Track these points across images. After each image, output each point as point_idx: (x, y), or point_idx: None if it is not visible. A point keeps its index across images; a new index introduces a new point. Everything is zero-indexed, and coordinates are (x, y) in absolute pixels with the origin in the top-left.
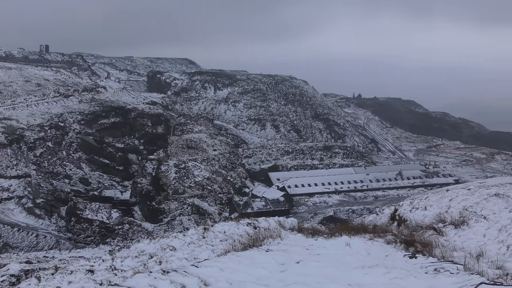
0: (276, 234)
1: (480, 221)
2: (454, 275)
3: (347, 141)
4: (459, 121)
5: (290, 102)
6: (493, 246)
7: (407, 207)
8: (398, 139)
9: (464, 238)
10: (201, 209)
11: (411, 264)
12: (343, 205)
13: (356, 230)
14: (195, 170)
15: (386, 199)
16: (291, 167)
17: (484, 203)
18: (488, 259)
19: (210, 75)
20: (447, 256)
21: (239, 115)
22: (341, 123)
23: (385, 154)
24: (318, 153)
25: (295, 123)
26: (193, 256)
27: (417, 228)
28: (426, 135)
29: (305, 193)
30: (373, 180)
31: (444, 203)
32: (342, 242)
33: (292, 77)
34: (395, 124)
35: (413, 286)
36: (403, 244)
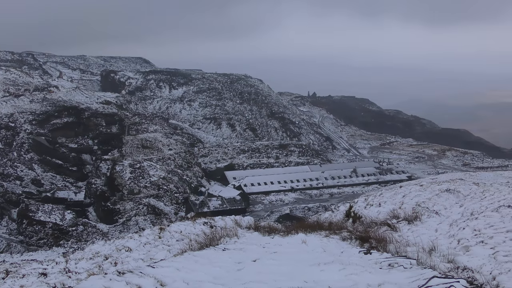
0: (233, 233)
1: (432, 216)
2: (408, 270)
3: (303, 139)
4: (412, 119)
5: (246, 100)
6: (444, 240)
7: (362, 204)
8: (353, 136)
9: (417, 233)
10: (157, 209)
11: (366, 260)
12: (299, 203)
13: (312, 228)
14: (151, 170)
15: (342, 196)
16: (247, 166)
17: (436, 199)
18: (440, 253)
19: (165, 74)
20: (401, 251)
21: (195, 114)
22: (296, 121)
23: (340, 152)
24: (274, 151)
25: (250, 121)
26: (149, 257)
27: (371, 225)
28: (380, 132)
29: (262, 191)
30: (329, 178)
31: (398, 199)
32: (298, 239)
33: (247, 76)
34: (350, 122)
35: (368, 281)
36: (358, 241)
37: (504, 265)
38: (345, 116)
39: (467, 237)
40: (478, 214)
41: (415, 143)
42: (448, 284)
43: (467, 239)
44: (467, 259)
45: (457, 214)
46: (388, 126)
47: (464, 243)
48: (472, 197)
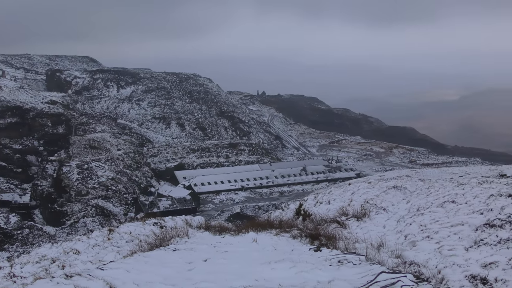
0: (183, 233)
1: (380, 213)
2: (357, 266)
3: (252, 138)
4: (359, 117)
5: (195, 100)
6: (392, 236)
7: (311, 201)
8: (302, 135)
9: (366, 229)
10: (106, 210)
11: (316, 257)
12: (250, 202)
13: (263, 226)
14: (99, 170)
15: (291, 195)
16: (197, 165)
17: (383, 196)
18: (388, 249)
19: (112, 73)
20: (350, 248)
21: (144, 114)
22: (246, 120)
23: (290, 150)
24: (224, 150)
25: (200, 121)
26: (98, 259)
27: (321, 222)
28: (329, 130)
29: (212, 191)
30: (279, 176)
31: (347, 197)
32: (249, 238)
33: (196, 75)
34: (299, 120)
35: (318, 278)
36: (308, 238)
37: (448, 258)
38: (294, 114)
39: (414, 233)
40: (424, 209)
41: (363, 141)
42: (395, 279)
43: (413, 235)
44: (414, 254)
45: (404, 210)
46: (337, 125)
47: (411, 239)
48: (418, 193)
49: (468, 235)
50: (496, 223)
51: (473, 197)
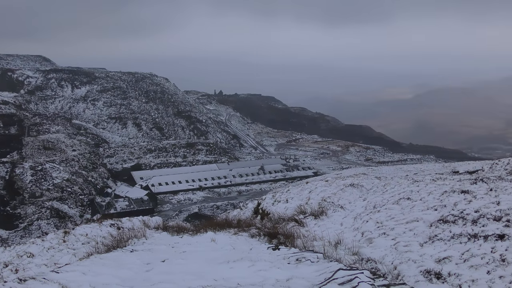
0: (141, 233)
1: (337, 210)
2: (315, 264)
3: (210, 137)
4: (316, 116)
5: (152, 99)
6: (349, 233)
7: (269, 200)
8: (260, 134)
9: (324, 227)
10: (61, 212)
11: (274, 255)
12: (208, 201)
13: (221, 226)
14: (53, 171)
15: (250, 194)
16: (155, 165)
17: (340, 193)
18: (345, 246)
19: (66, 72)
20: (308, 246)
21: (99, 114)
22: (203, 120)
23: (247, 150)
24: (181, 150)
25: (157, 120)
26: (53, 262)
27: (279, 221)
28: (286, 129)
29: (170, 191)
30: (237, 176)
31: (304, 195)
32: (208, 238)
33: (153, 75)
34: (256, 119)
35: (277, 277)
36: (267, 237)
37: (404, 254)
38: (251, 114)
39: (371, 230)
40: (380, 207)
41: (320, 139)
42: (352, 275)
43: (370, 232)
44: (371, 250)
45: (361, 208)
46: (294, 123)
47: (367, 236)
48: (375, 191)
49: (423, 231)
50: (450, 219)
51: (428, 193)
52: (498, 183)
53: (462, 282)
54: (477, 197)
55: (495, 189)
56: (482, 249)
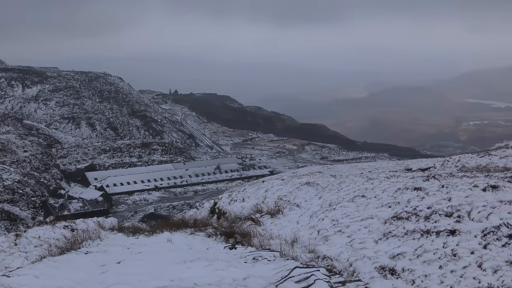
0: (96, 235)
1: (293, 209)
2: (272, 262)
3: (165, 137)
4: (272, 115)
5: (106, 99)
6: (306, 231)
7: (226, 200)
8: (215, 133)
9: (280, 226)
10: (12, 215)
11: (231, 255)
12: (164, 202)
13: (177, 226)
14: (4, 173)
15: (206, 193)
16: (109, 166)
17: (296, 192)
18: (302, 244)
19: (17, 72)
20: (265, 245)
21: (51, 114)
22: (158, 119)
23: (203, 149)
24: (137, 150)
25: (111, 120)
26: (4, 266)
27: (236, 220)
28: (242, 129)
29: (125, 191)
30: (193, 175)
31: (261, 194)
32: (164, 238)
33: (106, 74)
34: (212, 119)
35: (234, 276)
36: (223, 236)
37: (359, 251)
38: (207, 113)
39: (326, 227)
40: (336, 205)
41: (276, 138)
42: (309, 273)
43: (326, 229)
44: (327, 248)
45: (317, 206)
46: (250, 123)
47: (323, 233)
48: (330, 189)
49: (378, 228)
50: (403, 215)
51: (382, 191)
52: (449, 180)
53: (415, 277)
54: (429, 193)
55: (447, 186)
56: (434, 245)
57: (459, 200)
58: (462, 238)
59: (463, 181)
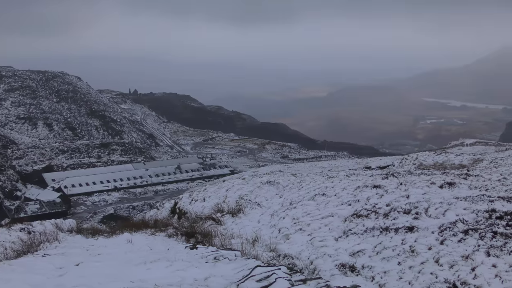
0: (54, 237)
1: (255, 208)
2: (233, 261)
3: (125, 137)
4: (232, 114)
5: (63, 99)
6: (267, 230)
7: (186, 199)
8: (176, 133)
9: (241, 225)
10: None
11: (192, 255)
12: (124, 202)
13: (138, 226)
14: None
15: (166, 193)
16: (67, 167)
17: (257, 191)
18: (263, 243)
19: None
20: (226, 244)
21: (7, 114)
22: (118, 119)
23: (164, 149)
24: (95, 150)
25: (69, 120)
26: None
27: (197, 220)
28: (202, 128)
29: (84, 192)
30: (153, 175)
31: (222, 194)
32: (124, 239)
33: (64, 73)
34: (172, 118)
35: (195, 276)
36: (184, 236)
37: (320, 249)
38: (167, 113)
39: (287, 226)
40: (296, 203)
41: (236, 138)
42: (270, 272)
43: (287, 228)
44: (288, 246)
45: (278, 205)
46: (210, 122)
47: (284, 232)
48: (291, 188)
49: (338, 226)
50: (363, 213)
51: (342, 189)
52: (408, 177)
53: (375, 274)
54: (388, 191)
55: (405, 183)
56: (393, 241)
57: (417, 197)
58: (420, 235)
59: (421, 178)
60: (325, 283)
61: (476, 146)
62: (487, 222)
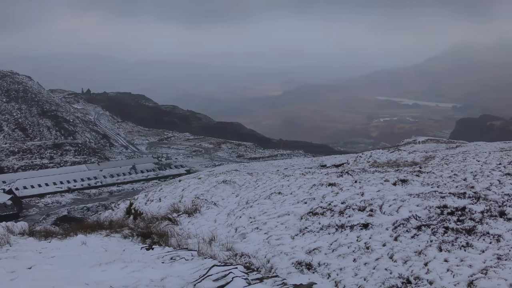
0: (4, 240)
1: (211, 207)
2: (189, 261)
3: (78, 137)
4: (188, 114)
5: (13, 99)
6: (223, 229)
7: (142, 200)
8: (130, 133)
9: (198, 225)
10: None
11: (148, 255)
12: (78, 204)
13: (92, 228)
14: None
15: (121, 194)
16: (18, 168)
17: (213, 190)
18: (220, 242)
19: None
20: (183, 244)
21: None
22: (70, 119)
23: (118, 149)
24: (48, 151)
25: (20, 121)
26: None
27: (153, 220)
28: (157, 128)
29: (36, 194)
30: (107, 176)
31: (178, 193)
32: (78, 241)
33: (14, 73)
34: (127, 118)
35: (151, 277)
36: (140, 237)
37: (276, 248)
38: (122, 112)
39: (244, 225)
40: (252, 202)
41: (192, 137)
42: (227, 271)
43: (243, 227)
44: (245, 245)
45: (234, 204)
46: (165, 122)
47: (241, 231)
48: (247, 187)
49: (294, 224)
50: (319, 211)
51: (298, 187)
52: (362, 175)
53: (331, 271)
54: (343, 189)
55: (360, 181)
56: (348, 239)
57: (371, 194)
58: (374, 231)
59: (375, 176)
60: (281, 281)
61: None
62: (439, 218)
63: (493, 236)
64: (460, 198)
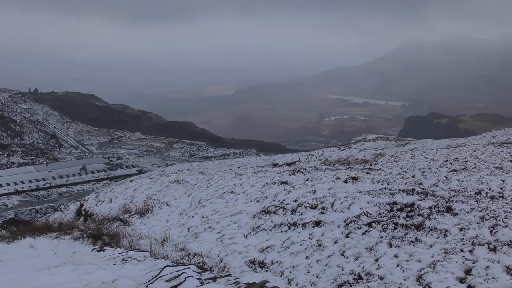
0: None
1: (163, 207)
2: (141, 262)
3: (26, 138)
4: (139, 113)
5: None
6: (176, 229)
7: (92, 201)
8: (80, 133)
9: (150, 225)
10: None
11: (99, 257)
12: (26, 206)
13: (41, 230)
14: None
15: (71, 195)
16: None
17: (166, 190)
18: (172, 242)
19: None
20: (134, 245)
21: None
22: (17, 120)
23: (68, 150)
24: None
25: None
26: None
27: (104, 221)
28: (108, 128)
29: None
30: (56, 177)
31: (129, 194)
32: (26, 244)
33: None
34: (76, 118)
35: (102, 279)
36: (91, 239)
37: (229, 247)
38: (71, 112)
39: (196, 225)
40: (205, 201)
41: (143, 137)
42: (180, 271)
43: (196, 227)
44: (197, 245)
45: (187, 204)
46: (116, 121)
47: (194, 231)
48: (199, 186)
49: (247, 223)
50: (271, 209)
51: (250, 186)
52: (314, 173)
53: (283, 269)
54: (295, 187)
55: (311, 179)
56: (301, 236)
57: (323, 192)
58: (326, 229)
59: (327, 174)
60: (234, 280)
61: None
62: (389, 214)
63: (440, 231)
64: (409, 194)
